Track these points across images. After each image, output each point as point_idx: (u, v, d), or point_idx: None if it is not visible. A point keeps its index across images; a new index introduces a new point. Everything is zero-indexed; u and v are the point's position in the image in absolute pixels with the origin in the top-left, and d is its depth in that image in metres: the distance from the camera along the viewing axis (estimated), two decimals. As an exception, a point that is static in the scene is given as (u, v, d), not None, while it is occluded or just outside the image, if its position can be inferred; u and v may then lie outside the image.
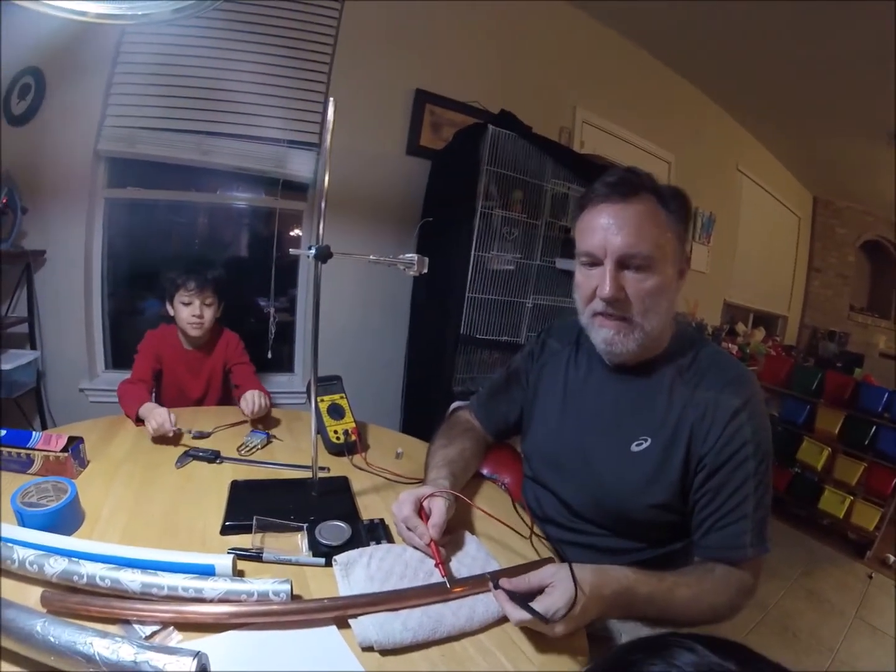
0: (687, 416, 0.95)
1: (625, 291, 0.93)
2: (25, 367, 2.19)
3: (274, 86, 2.47)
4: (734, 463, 0.91)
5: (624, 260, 0.92)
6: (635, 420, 1.00)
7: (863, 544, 3.01)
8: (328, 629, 0.72)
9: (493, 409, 1.29)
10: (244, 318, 2.77)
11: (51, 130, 2.23)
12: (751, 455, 0.91)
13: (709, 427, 0.92)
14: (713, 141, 4.45)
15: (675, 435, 0.95)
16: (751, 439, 0.91)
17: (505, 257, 2.51)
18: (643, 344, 0.97)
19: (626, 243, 0.91)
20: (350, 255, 0.96)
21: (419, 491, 0.95)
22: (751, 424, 0.92)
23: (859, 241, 6.15)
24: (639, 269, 0.92)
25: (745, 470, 0.91)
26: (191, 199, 2.68)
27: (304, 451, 1.33)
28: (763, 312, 5.78)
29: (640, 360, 1.01)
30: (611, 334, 0.96)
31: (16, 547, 0.74)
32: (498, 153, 2.40)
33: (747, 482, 0.91)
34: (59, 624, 0.60)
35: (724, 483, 0.91)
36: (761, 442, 0.92)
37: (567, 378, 1.14)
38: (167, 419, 1.26)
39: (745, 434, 0.91)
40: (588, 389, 1.10)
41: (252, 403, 1.44)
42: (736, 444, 0.91)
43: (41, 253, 2.29)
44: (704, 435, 0.93)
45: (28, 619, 0.60)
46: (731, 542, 0.91)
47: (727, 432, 0.91)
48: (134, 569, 0.73)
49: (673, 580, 0.85)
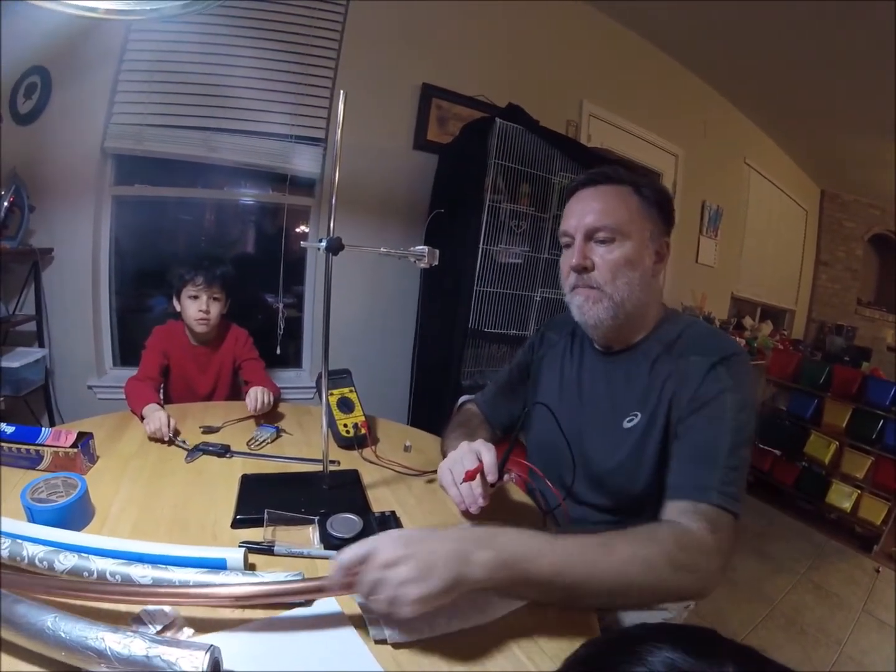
0: (669, 385, 0.96)
1: (591, 260, 0.99)
2: (34, 364, 2.20)
3: (280, 81, 2.46)
4: (710, 406, 0.89)
5: (591, 233, 0.99)
6: (625, 397, 1.03)
7: (870, 538, 3.00)
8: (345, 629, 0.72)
9: (499, 404, 1.33)
10: (252, 315, 2.77)
11: (57, 129, 2.23)
12: (728, 401, 0.88)
13: (687, 388, 0.92)
14: (721, 134, 4.42)
15: (658, 405, 0.97)
16: (729, 388, 0.89)
17: (513, 251, 2.50)
18: (616, 315, 1.00)
19: (593, 218, 0.99)
20: (361, 248, 0.96)
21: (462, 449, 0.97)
22: (729, 375, 0.90)
23: (867, 235, 6.11)
24: (605, 241, 0.99)
25: (722, 411, 0.88)
26: (198, 195, 2.68)
27: (313, 445, 1.33)
28: (770, 306, 5.75)
29: (627, 341, 1.06)
30: (581, 300, 1.02)
31: (25, 543, 0.73)
32: (505, 147, 2.39)
33: (722, 423, 0.87)
34: (70, 619, 0.60)
35: (698, 424, 0.89)
36: (742, 394, 0.89)
37: (563, 368, 1.18)
38: (165, 424, 1.26)
39: (722, 382, 0.90)
40: (582, 376, 1.14)
41: (255, 401, 1.45)
42: (712, 390, 0.90)
43: (49, 251, 2.29)
44: (684, 397, 0.93)
45: (39, 615, 0.60)
46: (695, 480, 0.84)
47: (704, 384, 0.91)
48: (145, 564, 0.73)
49: (602, 538, 0.75)
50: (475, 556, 0.67)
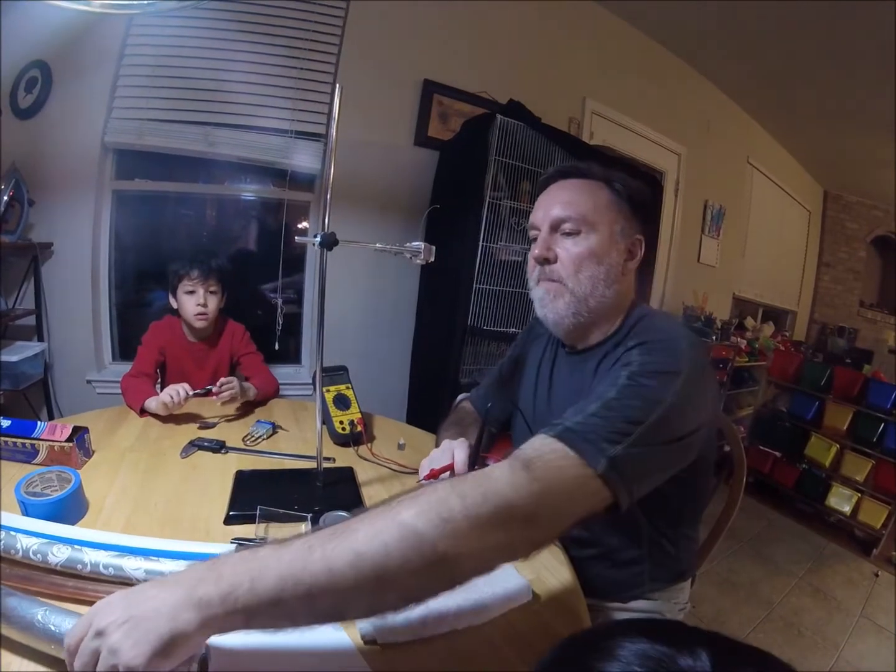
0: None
1: (554, 252, 0.96)
2: (33, 358, 2.20)
3: (281, 77, 2.45)
4: (615, 370, 0.82)
5: (556, 224, 0.96)
6: (582, 398, 0.98)
7: (870, 542, 3.00)
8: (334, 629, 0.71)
9: (492, 402, 1.29)
10: (251, 310, 2.76)
11: (58, 123, 2.23)
12: (626, 369, 0.79)
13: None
14: (724, 133, 4.39)
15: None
16: (634, 360, 0.80)
17: (513, 248, 2.49)
18: (578, 312, 0.96)
19: (559, 209, 0.96)
20: (356, 243, 0.95)
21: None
22: (641, 353, 0.82)
23: (870, 237, 6.08)
24: (570, 233, 0.95)
25: (614, 376, 0.79)
26: (198, 190, 2.67)
27: (309, 441, 1.33)
28: (772, 307, 5.73)
29: (591, 340, 1.01)
30: (542, 293, 0.99)
31: (19, 536, 0.73)
32: (506, 143, 2.38)
33: (610, 386, 0.77)
34: (61, 613, 0.60)
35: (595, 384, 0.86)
36: (661, 361, 0.80)
37: (540, 365, 1.16)
38: (184, 391, 1.39)
39: (630, 357, 0.82)
40: (553, 375, 1.12)
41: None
42: (617, 365, 0.84)
43: (48, 245, 2.29)
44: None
45: (29, 608, 0.60)
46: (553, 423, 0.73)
47: (616, 365, 0.85)
48: (137, 556, 0.73)
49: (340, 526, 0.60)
50: (191, 601, 0.51)
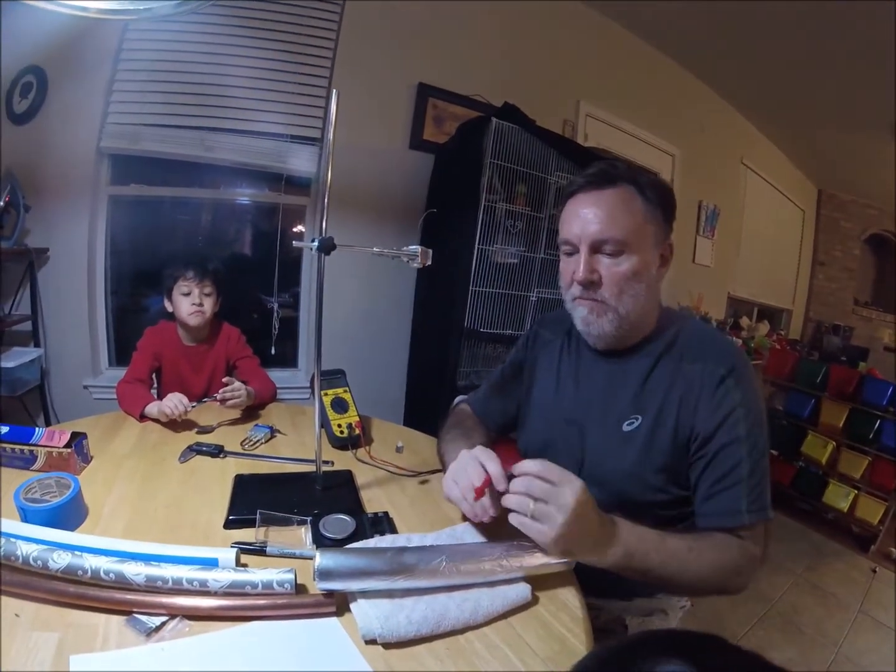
0: (674, 389, 0.96)
1: (598, 274, 0.96)
2: (29, 364, 2.19)
3: (276, 81, 2.46)
4: (725, 428, 0.92)
5: (597, 245, 0.95)
6: (624, 400, 1.01)
7: (867, 538, 3.01)
8: (330, 621, 0.72)
9: (493, 404, 1.30)
10: (248, 314, 2.77)
11: (53, 128, 2.22)
12: (741, 418, 0.91)
13: (697, 397, 0.94)
14: (718, 134, 4.42)
15: (662, 409, 0.96)
16: (740, 403, 0.92)
17: (509, 251, 2.50)
18: (620, 326, 0.98)
19: (598, 229, 0.94)
20: (353, 247, 0.96)
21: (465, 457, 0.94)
22: (738, 389, 0.93)
23: (864, 235, 6.11)
24: (612, 254, 0.95)
25: (736, 432, 0.91)
26: (194, 195, 2.67)
27: (307, 445, 1.33)
28: (767, 306, 5.75)
29: (627, 343, 1.03)
30: (586, 313, 0.99)
31: (19, 542, 0.73)
32: (501, 146, 2.39)
33: (739, 445, 0.91)
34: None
35: (717, 450, 0.92)
36: (751, 406, 0.93)
37: (560, 367, 1.16)
38: (182, 403, 1.36)
39: (733, 399, 0.92)
40: (580, 377, 1.11)
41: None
42: (725, 408, 0.92)
43: (44, 251, 2.29)
44: (694, 406, 0.94)
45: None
46: (726, 507, 0.91)
47: (716, 399, 0.93)
48: (138, 561, 0.73)
49: (669, 534, 0.87)
50: (609, 551, 0.81)
